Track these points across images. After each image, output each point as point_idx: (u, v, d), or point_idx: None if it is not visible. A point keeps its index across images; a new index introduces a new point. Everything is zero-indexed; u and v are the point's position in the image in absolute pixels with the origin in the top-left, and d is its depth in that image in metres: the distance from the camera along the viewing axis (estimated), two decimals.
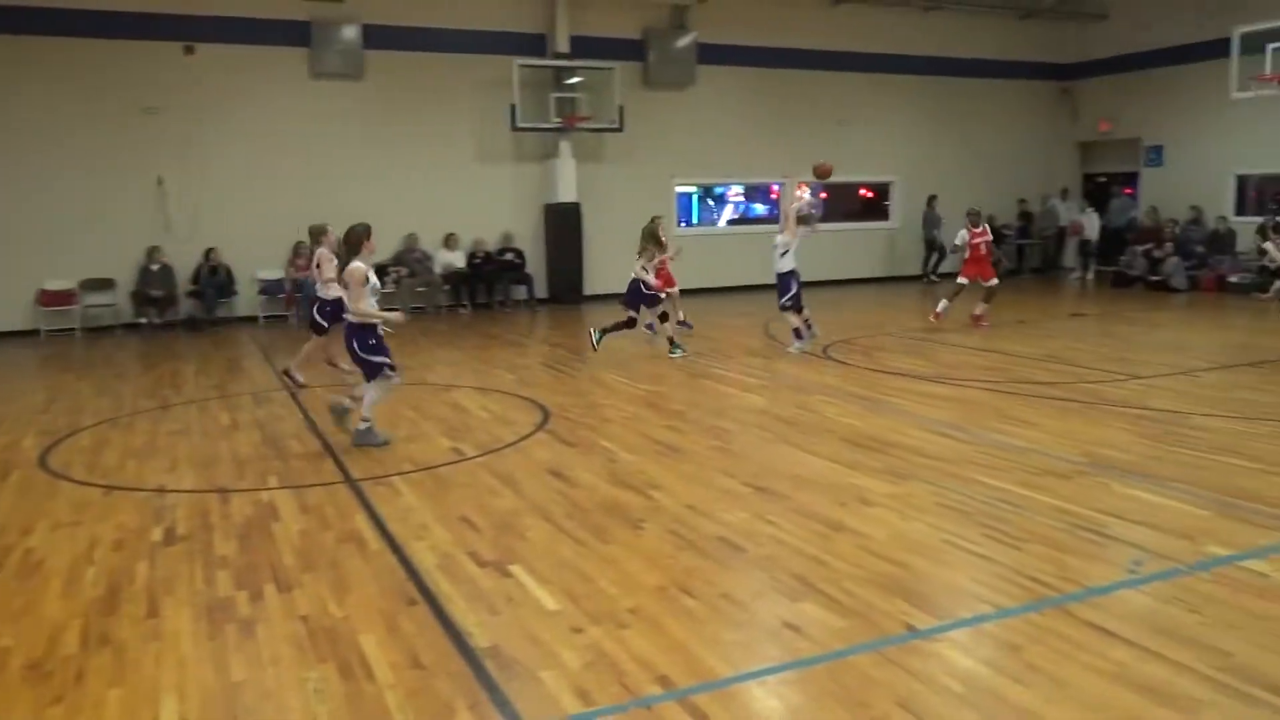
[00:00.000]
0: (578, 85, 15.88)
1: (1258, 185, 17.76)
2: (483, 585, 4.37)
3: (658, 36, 16.70)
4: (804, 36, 17.76)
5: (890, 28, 18.46)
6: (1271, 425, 7.13)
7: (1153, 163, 19.22)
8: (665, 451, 6.73)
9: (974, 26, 19.22)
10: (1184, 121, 18.25)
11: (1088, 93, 20.38)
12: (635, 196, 16.83)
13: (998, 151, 20.00)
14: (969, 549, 4.72)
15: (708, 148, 17.42)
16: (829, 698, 3.33)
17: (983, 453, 6.48)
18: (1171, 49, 17.95)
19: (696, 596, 4.21)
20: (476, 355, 11.35)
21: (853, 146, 18.67)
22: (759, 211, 19.08)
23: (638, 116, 16.35)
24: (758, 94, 17.70)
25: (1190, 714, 3.17)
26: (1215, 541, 4.74)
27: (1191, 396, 8.21)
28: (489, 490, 5.89)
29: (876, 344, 11.49)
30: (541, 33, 16.05)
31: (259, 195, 14.60)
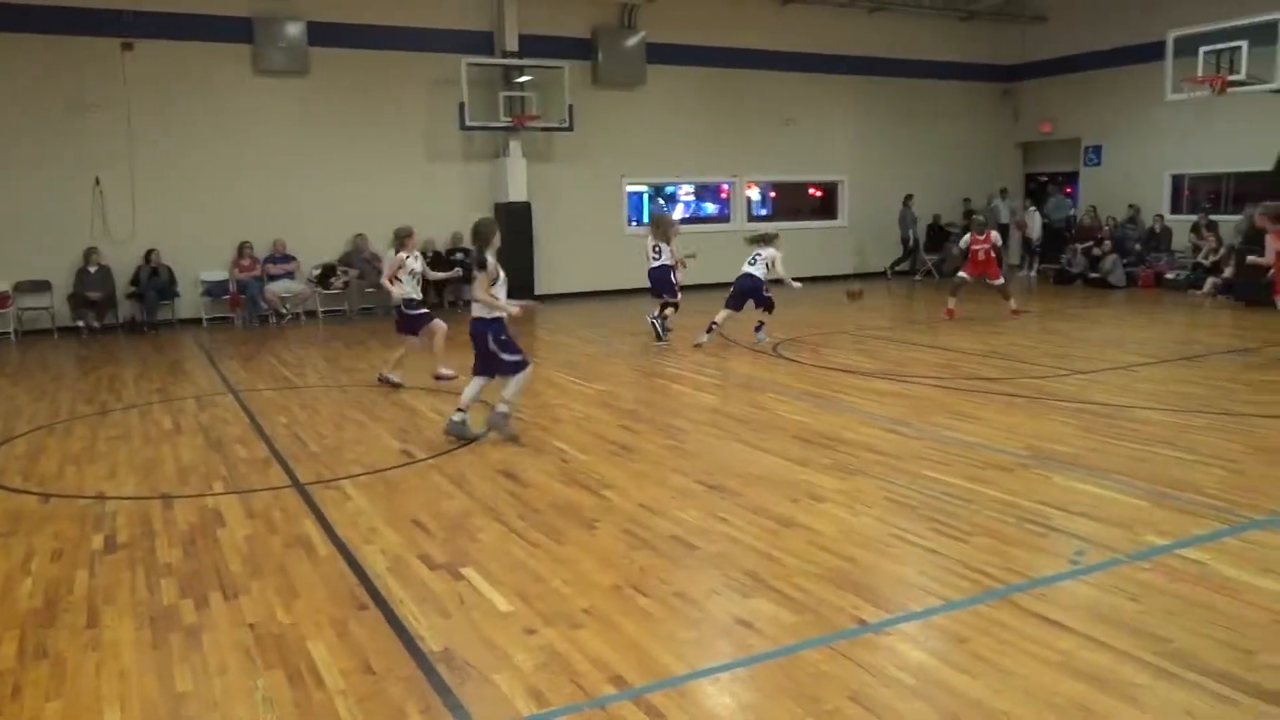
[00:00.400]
0: (527, 84, 15.82)
1: (1191, 184, 18.28)
2: (434, 588, 4.33)
3: (607, 36, 16.70)
4: (753, 36, 17.90)
5: (837, 28, 18.67)
6: (1207, 418, 7.34)
7: (1092, 163, 19.69)
8: (618, 451, 6.73)
9: (917, 28, 19.52)
10: (1121, 122, 18.73)
11: (1029, 94, 20.82)
12: (586, 196, 16.84)
13: (943, 151, 20.34)
14: (917, 543, 4.80)
15: (658, 147, 17.47)
16: (781, 693, 3.35)
17: (930, 448, 6.59)
18: (1109, 51, 18.41)
19: (650, 595, 4.22)
20: (426, 356, 11.22)
21: (801, 146, 18.89)
22: (710, 210, 19.17)
23: (588, 116, 16.34)
24: (707, 93, 17.79)
25: (1131, 700, 3.25)
26: (1154, 531, 4.87)
27: (1130, 390, 8.43)
28: (440, 492, 5.84)
29: (826, 342, 11.61)
30: (489, 31, 15.96)
31: (202, 195, 14.32)
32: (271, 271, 14.70)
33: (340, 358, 11.24)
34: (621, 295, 16.89)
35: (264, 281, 14.59)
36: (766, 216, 19.64)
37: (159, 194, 14.08)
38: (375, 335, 12.89)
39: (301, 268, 14.95)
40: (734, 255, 18.27)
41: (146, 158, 13.98)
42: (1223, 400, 8.01)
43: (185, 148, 14.19)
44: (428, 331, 9.11)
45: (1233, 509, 5.18)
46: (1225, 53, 13.46)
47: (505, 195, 16.01)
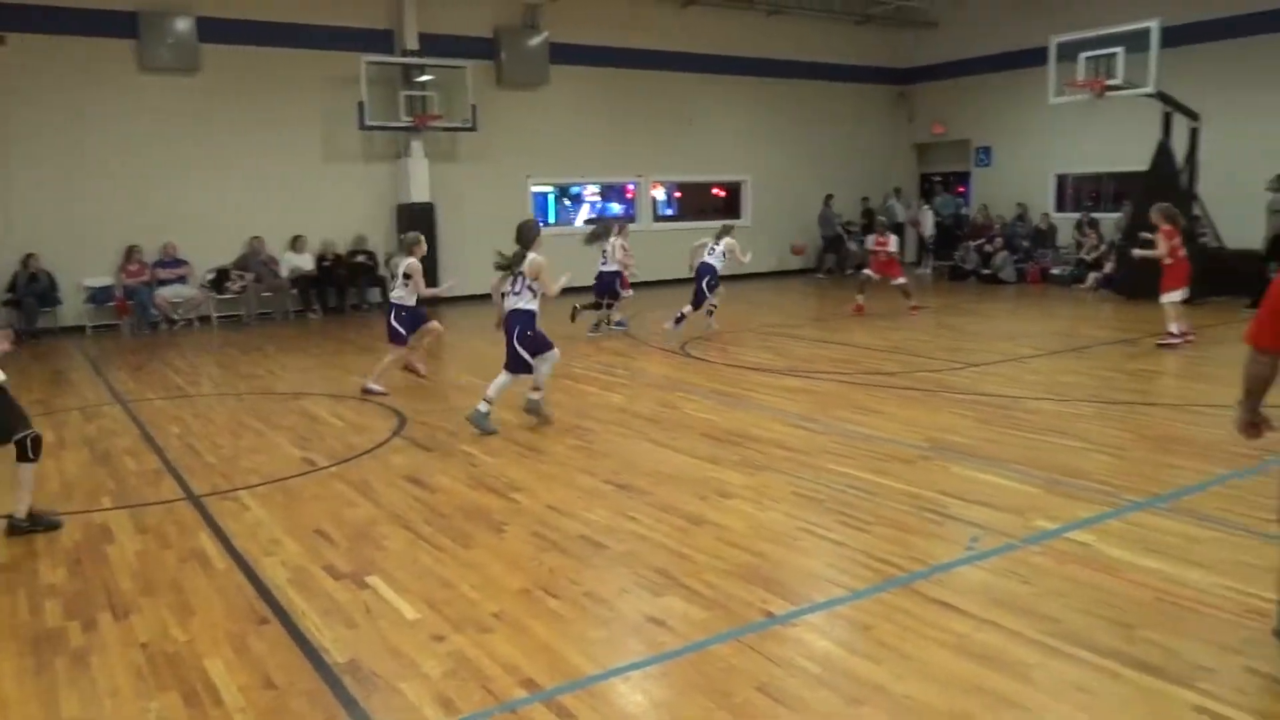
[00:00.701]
0: (429, 84, 15.57)
1: (1074, 184, 19.14)
2: (339, 598, 4.23)
3: (509, 35, 16.57)
4: (655, 38, 18.01)
5: (737, 30, 18.92)
6: (1093, 406, 7.69)
7: (982, 163, 20.44)
8: (526, 453, 6.69)
9: (815, 31, 19.94)
10: (1009, 124, 19.47)
11: (922, 97, 21.48)
12: (490, 196, 16.66)
13: (842, 152, 20.82)
14: (823, 535, 4.90)
15: (563, 147, 17.41)
16: (692, 688, 3.38)
17: (835, 442, 6.74)
18: (996, 56, 19.13)
19: (560, 596, 4.20)
20: (328, 361, 10.98)
21: (705, 146, 19.09)
22: (615, 211, 19.20)
23: (491, 116, 16.19)
24: (611, 94, 17.82)
25: (1023, 678, 3.39)
26: (1044, 516, 5.08)
27: (1022, 382, 8.77)
28: (344, 500, 5.71)
29: (734, 340, 11.76)
30: (389, 29, 15.65)
31: (85, 197, 13.66)
32: (162, 276, 14.12)
33: (237, 364, 10.88)
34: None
35: (154, 287, 14.01)
36: (672, 217, 19.79)
37: (37, 196, 13.38)
38: (273, 341, 12.52)
39: (194, 272, 14.40)
40: (642, 254, 18.35)
41: (23, 158, 13.27)
42: (1106, 389, 8.41)
43: (66, 148, 13.51)
44: (423, 333, 9.15)
45: (1117, 493, 5.44)
46: (1103, 58, 14.12)
47: (408, 196, 15.73)
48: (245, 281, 14.50)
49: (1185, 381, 9.02)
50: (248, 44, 14.50)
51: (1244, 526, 4.83)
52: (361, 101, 14.74)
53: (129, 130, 13.89)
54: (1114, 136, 16.73)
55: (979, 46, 19.58)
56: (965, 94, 20.31)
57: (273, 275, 14.81)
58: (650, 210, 19.07)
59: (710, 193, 20.35)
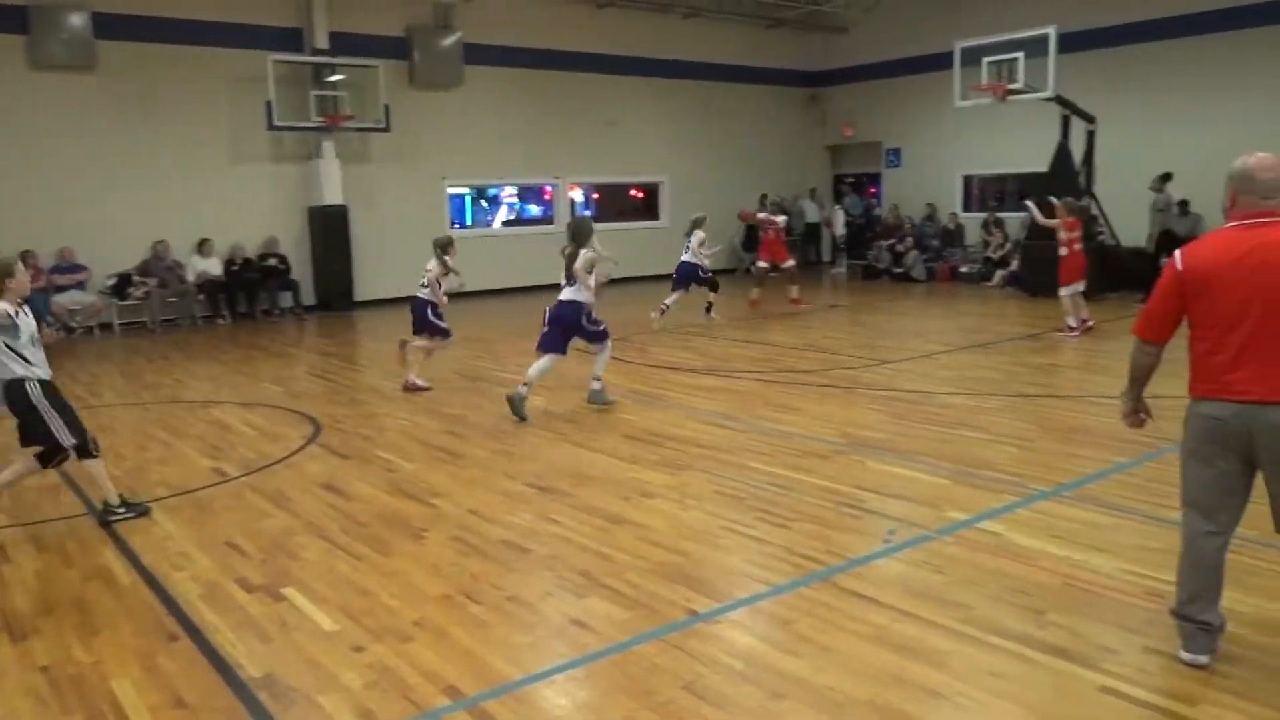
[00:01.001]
0: (340, 83, 15.25)
1: (980, 184, 19.76)
2: (253, 612, 4.12)
3: (422, 35, 16.34)
4: (571, 39, 17.97)
5: (653, 32, 19.01)
6: (999, 400, 7.95)
7: (892, 164, 20.95)
8: (445, 458, 6.61)
9: (728, 34, 20.16)
10: (918, 127, 20.00)
11: (834, 99, 21.91)
12: (406, 198, 16.42)
13: (756, 153, 21.10)
14: (743, 532, 4.96)
15: (479, 149, 17.24)
16: (617, 689, 3.39)
17: (754, 440, 6.82)
18: (904, 60, 19.62)
19: (483, 602, 4.16)
20: (238, 368, 10.66)
21: (622, 148, 19.13)
22: (534, 213, 19.11)
23: (405, 116, 15.94)
24: (528, 95, 17.72)
25: (939, 666, 3.48)
26: (955, 507, 5.23)
27: (933, 377, 9.01)
28: (257, 511, 5.55)
29: (653, 340, 11.80)
30: (298, 27, 15.28)
31: None
32: (58, 282, 13.51)
33: (142, 373, 10.48)
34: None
35: (50, 293, 13.40)
36: (591, 218, 19.75)
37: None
38: (180, 348, 12.10)
39: (93, 278, 13.82)
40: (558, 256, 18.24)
41: None
42: (1013, 383, 8.70)
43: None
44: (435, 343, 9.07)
45: (1024, 483, 5.63)
46: (1005, 63, 14.62)
47: (320, 198, 15.38)
48: (148, 287, 13.98)
49: (1085, 374, 9.39)
50: (147, 40, 13.99)
51: (1142, 512, 5.05)
52: (269, 101, 14.37)
53: (20, 130, 13.26)
54: (1016, 139, 17.32)
55: (887, 51, 20.07)
56: (875, 97, 20.79)
57: (178, 281, 14.31)
58: (569, 211, 19.02)
59: (629, 194, 20.40)
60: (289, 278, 15.27)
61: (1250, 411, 3.21)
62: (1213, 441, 3.33)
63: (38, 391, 5.07)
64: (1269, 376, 3.18)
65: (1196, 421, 3.39)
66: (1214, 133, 15.17)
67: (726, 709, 3.23)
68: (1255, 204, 3.27)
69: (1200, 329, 3.34)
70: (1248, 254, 3.21)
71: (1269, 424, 3.19)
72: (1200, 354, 3.35)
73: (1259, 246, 3.20)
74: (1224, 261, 3.25)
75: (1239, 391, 3.23)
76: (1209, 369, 3.31)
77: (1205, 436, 3.35)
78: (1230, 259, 3.24)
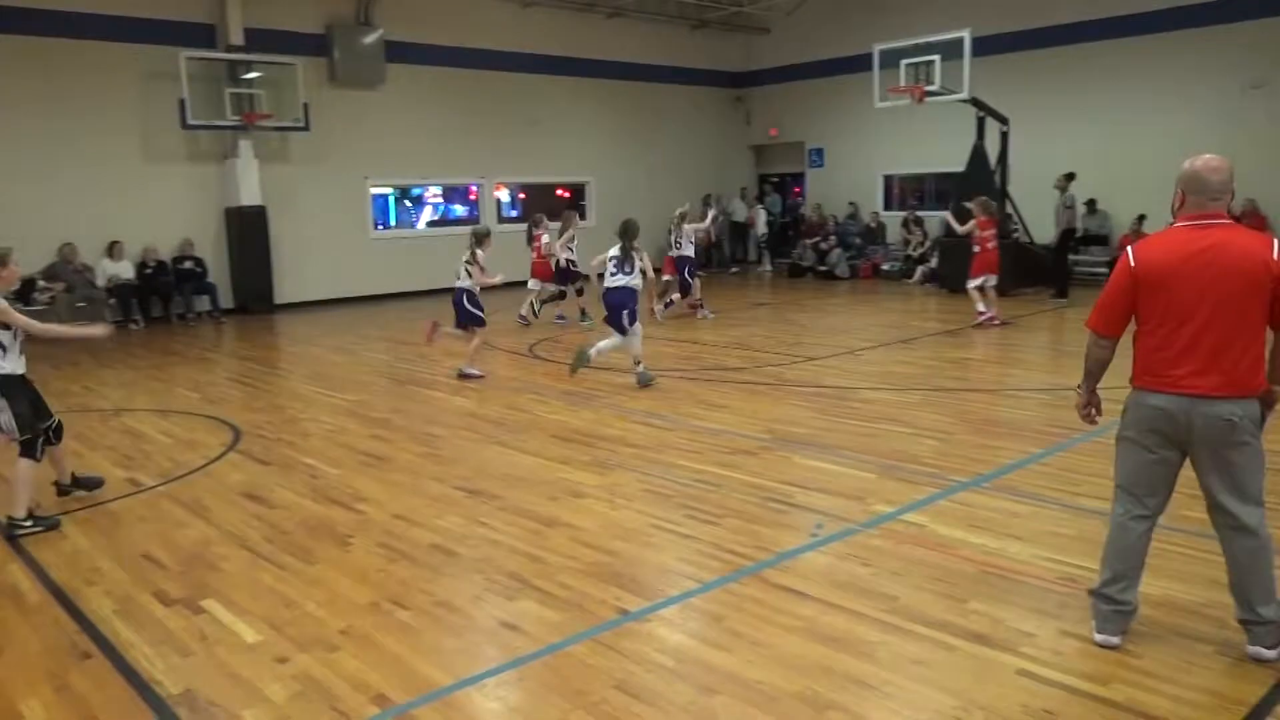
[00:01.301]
0: (256, 81, 14.87)
1: (900, 184, 20.20)
2: (171, 626, 3.99)
3: (342, 32, 16.02)
4: (496, 38, 17.83)
5: (578, 32, 18.98)
6: (920, 394, 8.14)
7: (815, 164, 21.29)
8: (371, 462, 6.50)
9: (652, 35, 20.25)
10: (840, 127, 20.35)
11: (758, 100, 22.17)
12: (327, 198, 16.11)
13: (682, 153, 21.22)
14: (673, 530, 4.98)
15: (402, 148, 16.99)
16: (548, 691, 3.37)
17: (682, 438, 6.86)
18: (826, 61, 19.95)
19: (411, 608, 4.11)
20: (153, 374, 10.32)
21: (549, 147, 19.06)
22: (459, 213, 18.91)
23: (326, 115, 15.62)
24: (452, 94, 17.52)
25: (866, 656, 3.55)
26: (881, 500, 5.34)
27: (856, 373, 9.19)
28: (174, 522, 5.38)
29: (580, 339, 11.76)
30: (211, 23, 14.84)
31: None
32: None
33: (49, 380, 10.04)
34: (369, 302, 16.35)
35: None
36: (517, 218, 19.64)
37: None
38: (90, 354, 11.66)
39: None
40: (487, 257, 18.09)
41: None
42: (933, 378, 8.91)
43: None
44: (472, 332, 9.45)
45: (945, 474, 5.78)
46: (922, 65, 14.97)
47: (237, 199, 14.98)
48: (54, 292, 13.43)
49: (1001, 368, 9.67)
50: (51, 35, 13.44)
51: (1056, 500, 5.23)
52: (183, 99, 13.93)
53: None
54: (934, 139, 17.75)
55: (810, 52, 20.38)
56: (798, 98, 21.10)
57: (88, 285, 13.79)
58: (495, 211, 18.88)
59: (555, 193, 20.32)
60: (205, 281, 14.84)
61: (1193, 405, 3.33)
62: (1154, 431, 3.44)
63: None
64: (1212, 372, 3.31)
65: (1140, 411, 3.49)
66: (1121, 134, 15.80)
67: (659, 706, 3.24)
68: (1203, 205, 3.38)
69: (1148, 324, 3.44)
70: (1198, 253, 3.32)
71: (1209, 416, 3.32)
72: (1147, 347, 3.45)
73: (1208, 247, 3.31)
74: (1174, 259, 3.35)
75: (1184, 385, 3.34)
76: (1156, 362, 3.41)
77: (1147, 425, 3.46)
78: (1180, 257, 3.34)
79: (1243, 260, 3.28)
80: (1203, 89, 15.01)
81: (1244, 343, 3.32)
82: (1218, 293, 3.29)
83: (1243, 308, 3.29)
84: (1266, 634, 3.42)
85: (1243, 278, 3.27)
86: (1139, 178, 15.29)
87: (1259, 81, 14.45)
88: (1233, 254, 3.30)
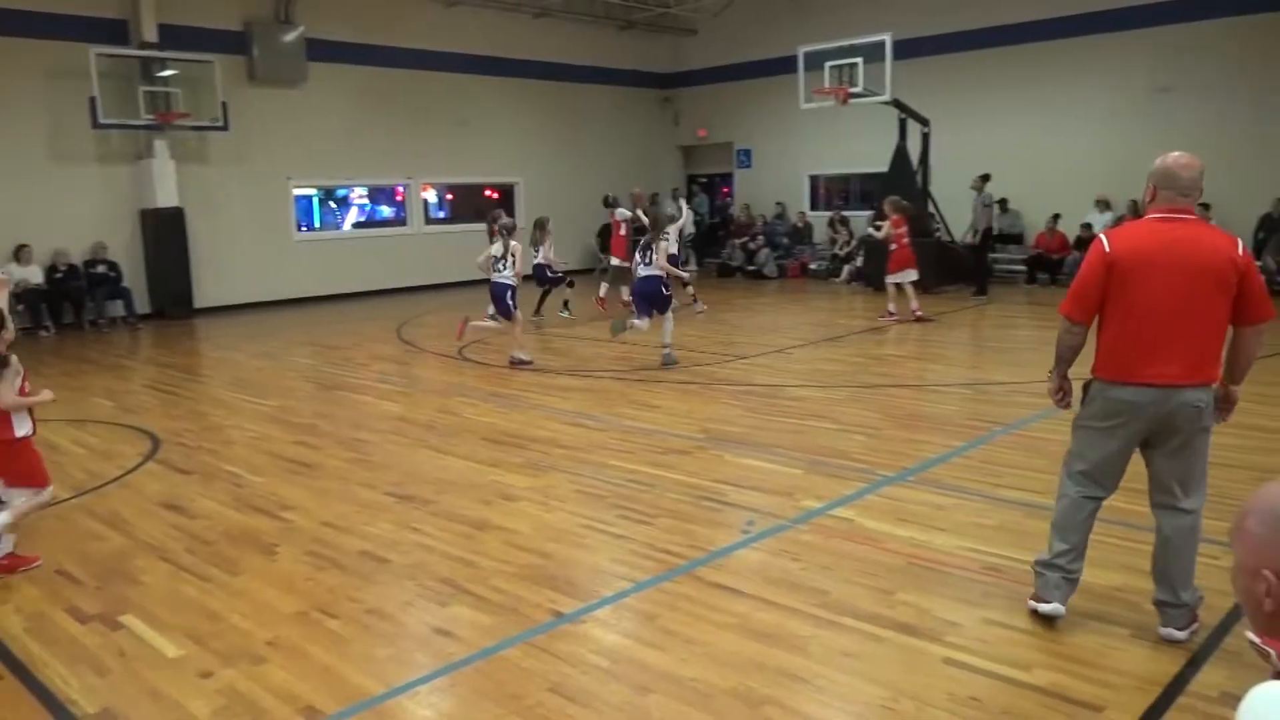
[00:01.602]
0: (172, 79, 14.42)
1: (826, 184, 20.53)
2: (86, 643, 3.85)
3: (262, 29, 15.63)
4: (421, 37, 17.59)
5: (504, 32, 18.84)
6: (847, 391, 8.28)
7: (743, 165, 21.49)
8: (297, 469, 6.36)
9: (580, 35, 20.21)
10: (767, 128, 20.57)
11: (686, 101, 22.29)
12: (248, 199, 15.71)
13: (610, 154, 21.21)
14: (606, 530, 4.98)
15: (326, 148, 16.65)
16: (482, 696, 3.34)
17: (614, 438, 6.86)
18: (753, 63, 20.14)
19: (340, 616, 4.03)
20: (64, 383, 9.91)
21: (476, 148, 18.88)
22: (385, 214, 18.62)
23: (245, 114, 15.23)
24: (377, 93, 17.23)
25: (799, 650, 3.60)
26: (811, 496, 5.42)
27: (786, 371, 9.30)
28: (89, 534, 5.20)
29: (511, 342, 11.68)
30: (123, 19, 14.35)
31: None
32: None
33: None
34: (293, 305, 15.99)
35: None
36: (445, 219, 19.45)
37: None
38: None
39: None
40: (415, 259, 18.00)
41: None
42: (859, 374, 9.08)
43: None
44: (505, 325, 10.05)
45: (872, 469, 5.89)
46: (846, 67, 15.23)
47: (153, 200, 14.50)
48: None
49: (924, 364, 9.90)
50: None
51: (978, 492, 5.37)
52: (93, 97, 13.44)
53: None
54: (859, 140, 18.05)
55: (736, 53, 20.55)
56: (725, 99, 21.27)
57: None
58: (422, 213, 18.65)
59: (483, 194, 20.16)
60: (120, 285, 14.33)
61: (1163, 395, 3.43)
62: (1122, 423, 3.54)
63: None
64: (1178, 362, 3.41)
65: (1106, 402, 3.56)
66: (1035, 135, 16.28)
67: (594, 708, 3.24)
68: (1173, 199, 3.47)
69: (1117, 314, 3.50)
70: (1170, 245, 3.40)
71: (1179, 405, 3.43)
72: (1115, 337, 3.51)
73: (1179, 240, 3.40)
74: (1148, 249, 3.42)
75: (1156, 376, 3.43)
76: (1124, 355, 3.48)
77: (1114, 416, 3.54)
78: (1154, 248, 3.42)
79: (1212, 256, 3.38)
80: (1113, 92, 15.56)
81: (1207, 335, 3.42)
82: (1187, 286, 3.37)
83: (1209, 302, 3.39)
84: (1179, 616, 3.56)
85: (1211, 273, 3.37)
86: (1051, 178, 15.81)
87: (1164, 86, 15.04)
88: (1203, 249, 3.39)
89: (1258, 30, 14.16)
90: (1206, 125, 14.37)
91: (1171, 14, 14.92)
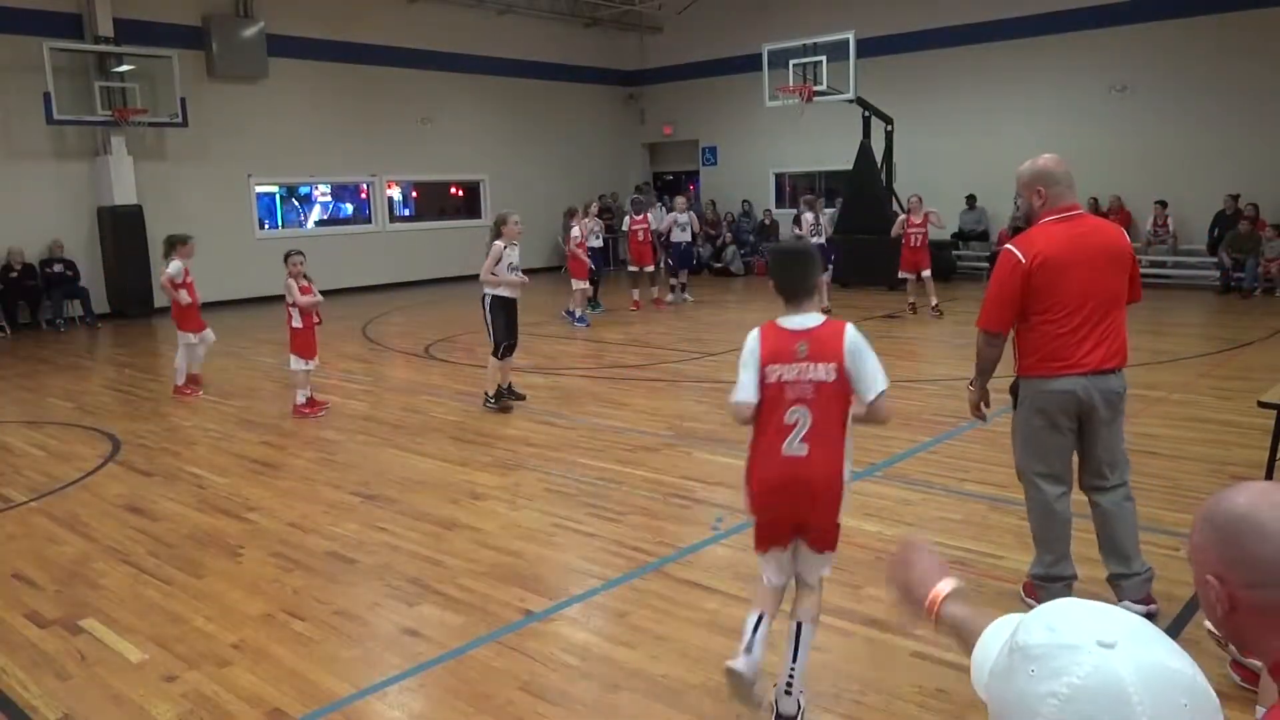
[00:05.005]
0: (129, 74, 14.17)
1: (791, 181, 20.63)
2: (47, 649, 3.78)
3: (221, 24, 15.40)
4: (383, 33, 17.43)
5: (468, 28, 18.73)
6: None
7: (709, 162, 21.55)
8: (261, 469, 6.28)
9: (545, 32, 20.14)
10: (732, 126, 20.64)
11: (651, 98, 22.30)
12: (209, 197, 15.47)
13: (576, 151, 21.17)
14: (576, 528, 4.98)
15: (288, 145, 16.45)
16: (452, 696, 3.33)
17: (583, 436, 6.86)
18: (718, 60, 20.19)
19: (307, 618, 3.99)
20: (21, 384, 9.74)
21: (441, 145, 18.75)
22: (349, 211, 18.44)
23: (205, 110, 15.01)
24: (339, 89, 17.05)
25: (770, 646, 3.60)
26: None
27: None
28: (48, 538, 5.10)
29: (478, 340, 11.63)
30: (77, 13, 14.07)
31: None
32: None
33: None
34: (256, 304, 15.78)
35: None
36: (410, 217, 19.31)
37: None
38: None
39: None
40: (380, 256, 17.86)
41: None
42: None
43: None
44: None
45: None
46: (810, 66, 15.32)
47: (110, 198, 14.25)
48: None
49: (891, 359, 9.89)
50: None
51: (944, 487, 5.43)
52: (48, 92, 13.17)
53: None
54: (823, 138, 18.17)
55: (702, 51, 20.59)
56: (691, 96, 21.30)
57: None
58: (386, 211, 18.49)
59: (449, 192, 20.04)
60: (77, 284, 14.07)
61: (1094, 381, 3.55)
62: (1065, 413, 3.63)
63: None
64: (1103, 347, 3.55)
65: (1047, 397, 3.63)
66: (999, 132, 16.47)
67: (565, 705, 3.24)
68: (1063, 195, 3.58)
69: (1043, 313, 3.58)
70: (1079, 240, 3.52)
71: (1106, 390, 3.58)
72: (1045, 336, 3.59)
73: (1084, 234, 3.55)
74: (1062, 251, 3.52)
75: (1086, 364, 3.54)
76: (1057, 347, 3.57)
77: (1059, 408, 3.62)
78: (1068, 248, 3.52)
79: (1113, 244, 3.60)
80: (1072, 91, 15.79)
81: (1119, 318, 3.61)
82: (1101, 275, 3.54)
83: (1117, 287, 3.59)
84: (1134, 588, 3.65)
85: (1116, 260, 3.58)
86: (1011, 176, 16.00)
87: (1122, 84, 15.29)
88: (1108, 239, 3.60)
89: (1215, 30, 14.44)
90: (1163, 123, 14.64)
91: (1129, 14, 15.17)
